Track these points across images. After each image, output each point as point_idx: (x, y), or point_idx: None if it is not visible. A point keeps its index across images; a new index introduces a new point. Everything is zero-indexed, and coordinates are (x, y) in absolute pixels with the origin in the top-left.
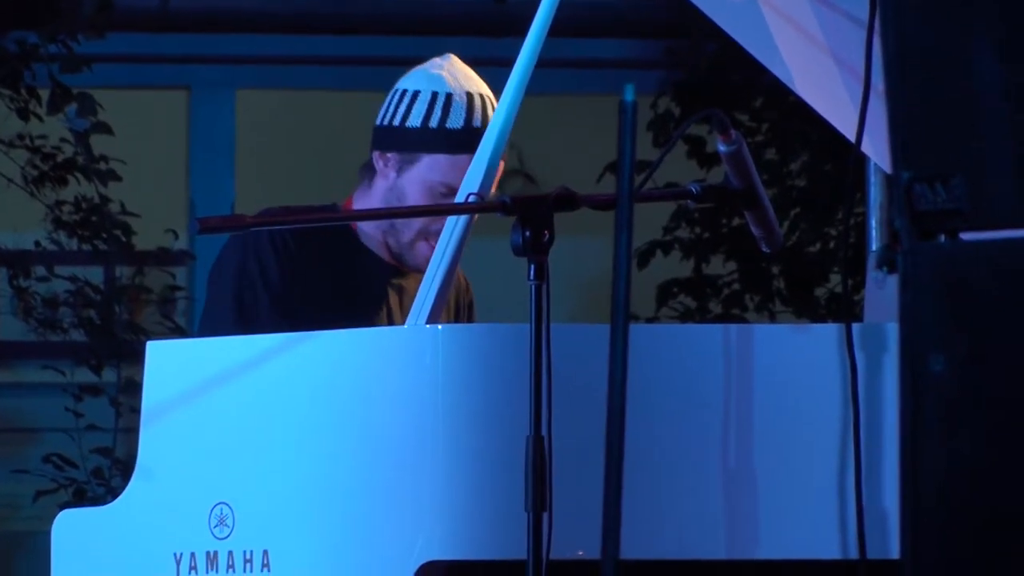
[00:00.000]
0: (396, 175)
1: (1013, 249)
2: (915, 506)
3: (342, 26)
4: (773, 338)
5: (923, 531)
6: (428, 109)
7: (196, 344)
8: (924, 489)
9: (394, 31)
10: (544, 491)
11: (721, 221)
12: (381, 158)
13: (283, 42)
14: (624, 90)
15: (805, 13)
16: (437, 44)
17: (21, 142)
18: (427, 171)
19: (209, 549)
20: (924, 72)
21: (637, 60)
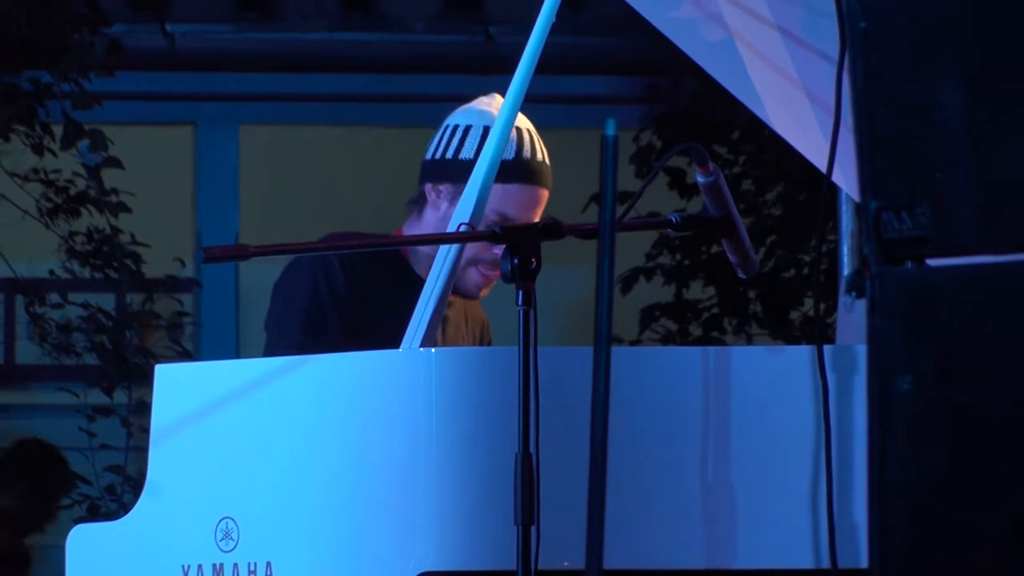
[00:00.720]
0: (448, 205)
1: (976, 275)
2: (883, 518)
3: (339, 65)
4: (750, 359)
5: (891, 541)
6: (480, 142)
7: (202, 367)
8: (892, 502)
9: (388, 69)
10: (532, 505)
11: (700, 248)
12: (433, 190)
13: (283, 80)
14: (606, 124)
15: (779, 51)
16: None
17: (36, 176)
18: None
19: (215, 561)
20: (891, 107)
21: (620, 96)
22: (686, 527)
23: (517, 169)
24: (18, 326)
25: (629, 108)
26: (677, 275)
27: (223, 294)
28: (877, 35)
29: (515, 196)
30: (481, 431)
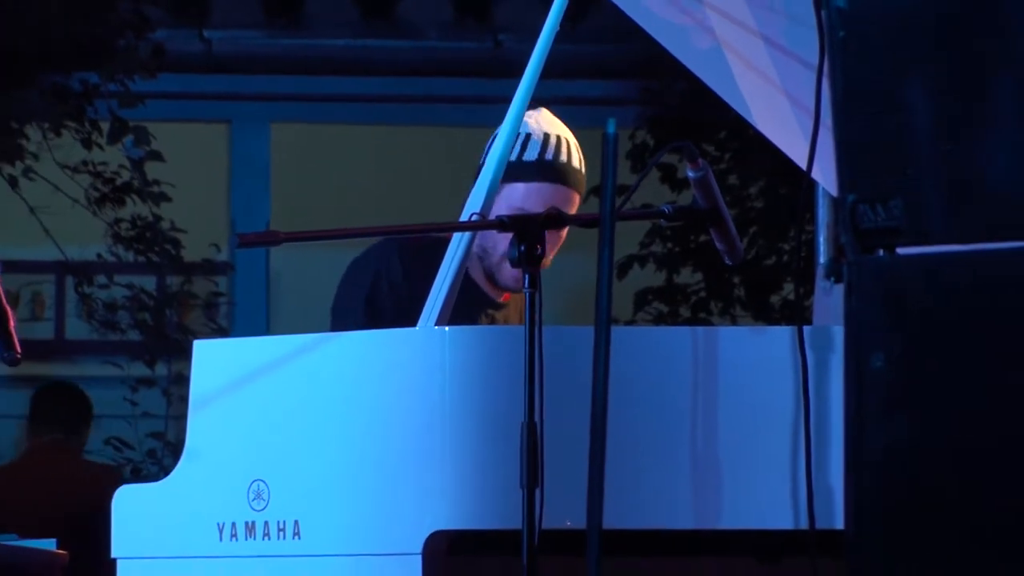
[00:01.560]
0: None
1: (943, 262)
2: (858, 483)
3: (361, 69)
4: (735, 339)
5: (865, 504)
6: (514, 145)
7: (236, 343)
8: (866, 468)
9: (406, 72)
10: (536, 470)
11: (690, 237)
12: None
13: (310, 82)
14: (606, 124)
15: (763, 57)
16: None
17: (85, 168)
18: (507, 197)
19: (248, 520)
20: (866, 109)
21: (617, 98)
22: (676, 491)
23: (540, 170)
24: (68, 304)
25: (625, 109)
26: (668, 262)
27: (255, 276)
28: (853, 43)
29: (537, 194)
30: (490, 402)
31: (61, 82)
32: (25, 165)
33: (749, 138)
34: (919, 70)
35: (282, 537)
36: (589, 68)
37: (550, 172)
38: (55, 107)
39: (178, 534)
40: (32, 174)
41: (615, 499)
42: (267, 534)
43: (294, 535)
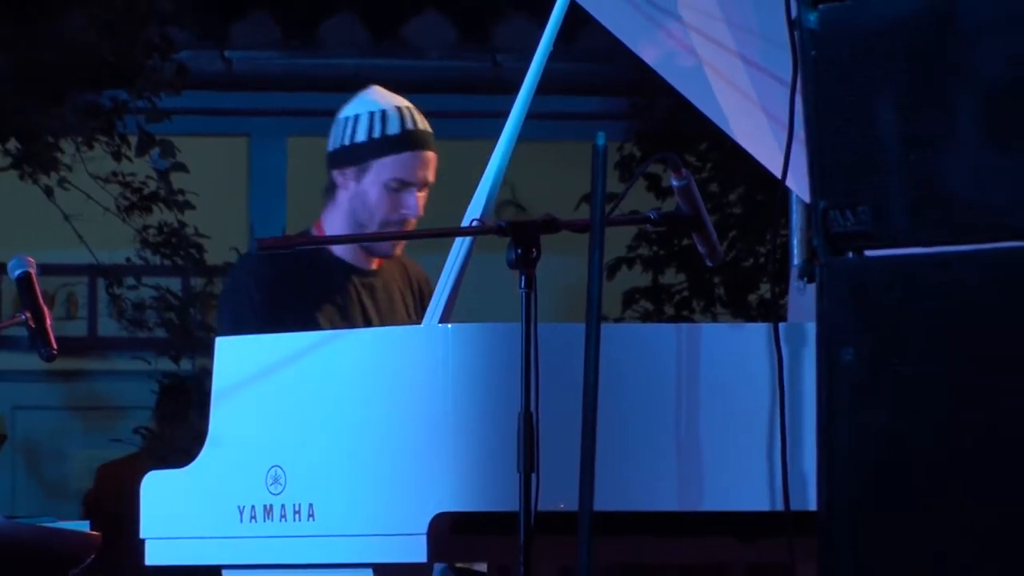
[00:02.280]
0: (356, 183)
1: (908, 264)
2: (829, 468)
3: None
4: (715, 335)
5: (836, 488)
6: (369, 125)
7: (256, 340)
8: (836, 454)
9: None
10: (532, 456)
11: (674, 241)
12: (340, 175)
13: (324, 99)
14: (596, 137)
15: (741, 75)
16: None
17: (115, 178)
18: (379, 172)
19: (266, 503)
20: (836, 122)
21: (607, 113)
22: (661, 475)
23: (405, 140)
24: (100, 304)
25: (614, 124)
26: (654, 264)
27: None
28: (824, 63)
29: (408, 163)
30: (490, 393)
31: (93, 99)
32: (60, 176)
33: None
34: (885, 87)
35: (298, 519)
36: (581, 85)
37: (415, 139)
38: (87, 122)
39: (201, 516)
40: (66, 184)
41: (605, 483)
42: (284, 516)
43: (309, 517)
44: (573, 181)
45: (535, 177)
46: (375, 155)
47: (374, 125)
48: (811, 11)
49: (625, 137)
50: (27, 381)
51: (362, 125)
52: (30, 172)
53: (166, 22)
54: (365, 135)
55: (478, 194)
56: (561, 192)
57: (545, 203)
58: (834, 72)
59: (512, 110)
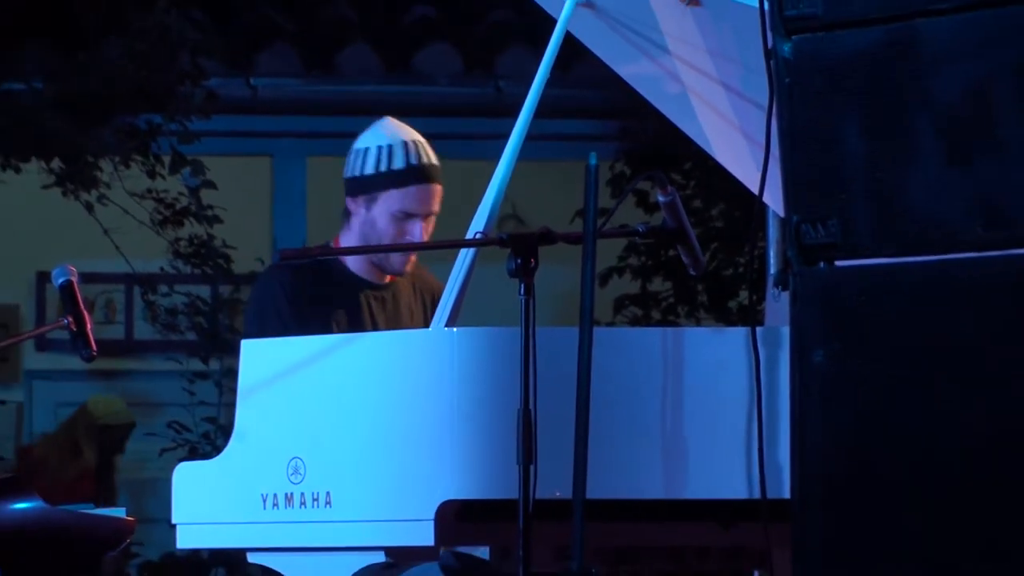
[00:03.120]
0: (366, 211)
1: (873, 273)
2: (802, 459)
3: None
4: (698, 338)
5: (808, 477)
6: (377, 159)
7: (278, 342)
8: (809, 447)
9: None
10: (531, 449)
11: (660, 252)
12: (353, 202)
13: (341, 122)
14: (589, 157)
15: (722, 100)
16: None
17: (149, 194)
18: (386, 203)
19: (287, 491)
20: (808, 144)
21: (599, 135)
22: (649, 466)
23: (411, 174)
24: (135, 310)
25: (606, 144)
26: (642, 272)
27: None
28: (798, 89)
29: (413, 196)
30: (492, 391)
31: (130, 122)
32: (99, 192)
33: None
34: (852, 112)
35: (316, 506)
36: (575, 110)
37: (419, 174)
38: (125, 143)
39: (228, 503)
40: (105, 200)
41: (597, 473)
42: (303, 503)
43: (326, 504)
44: (568, 197)
45: (534, 193)
46: (382, 188)
47: (381, 159)
48: (785, 42)
49: (616, 157)
50: (69, 380)
51: (371, 158)
52: (72, 189)
53: (197, 52)
54: (373, 168)
55: (481, 209)
56: (557, 207)
57: (542, 217)
58: (806, 98)
59: (513, 132)
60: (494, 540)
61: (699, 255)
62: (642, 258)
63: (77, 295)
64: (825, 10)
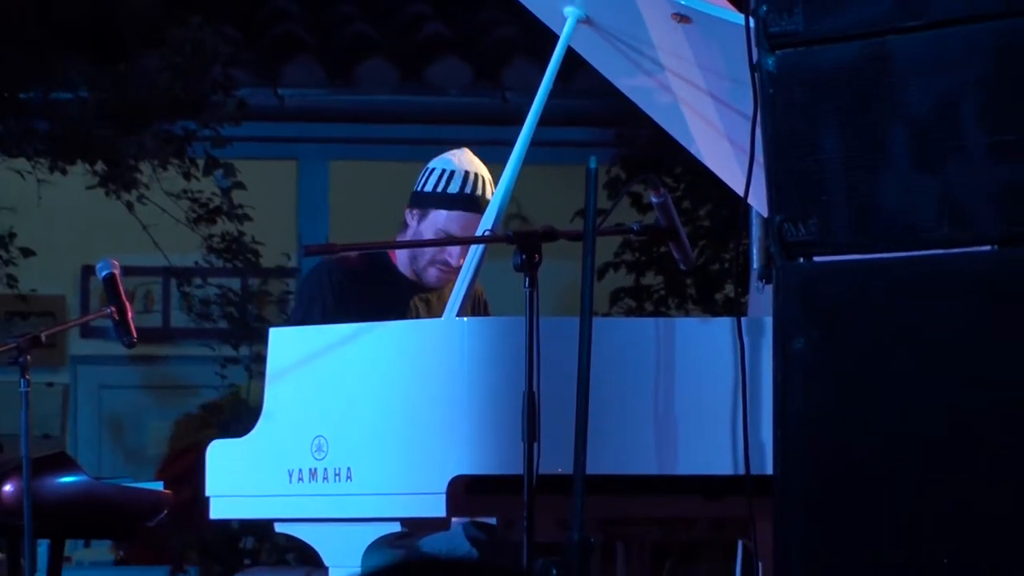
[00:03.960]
0: (416, 224)
1: (849, 267)
2: (783, 438)
3: (399, 118)
4: (688, 327)
5: (788, 454)
6: (437, 180)
7: (304, 330)
8: (789, 426)
9: (433, 121)
10: (535, 427)
11: (653, 249)
12: (410, 213)
13: (360, 129)
14: (589, 161)
15: (710, 110)
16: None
17: (185, 195)
18: (434, 221)
19: (311, 467)
20: (790, 150)
21: (597, 141)
22: (643, 444)
23: (460, 201)
24: (172, 300)
25: (604, 150)
26: (636, 267)
27: None
28: (780, 100)
29: (456, 221)
30: (499, 375)
31: (167, 129)
32: (139, 193)
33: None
34: (830, 120)
35: (338, 480)
36: (576, 117)
37: (468, 203)
38: (163, 148)
39: (257, 478)
40: (144, 199)
41: (595, 450)
42: (326, 478)
43: (347, 478)
44: (569, 198)
45: (537, 195)
46: (433, 206)
47: (441, 180)
48: (769, 56)
49: (612, 161)
50: (112, 364)
51: (433, 178)
52: (114, 189)
53: (228, 64)
54: (432, 187)
55: (489, 209)
56: (559, 207)
57: (545, 216)
58: (788, 108)
59: (518, 139)
60: (501, 512)
61: (688, 252)
62: (636, 254)
63: (119, 286)
64: (806, 27)
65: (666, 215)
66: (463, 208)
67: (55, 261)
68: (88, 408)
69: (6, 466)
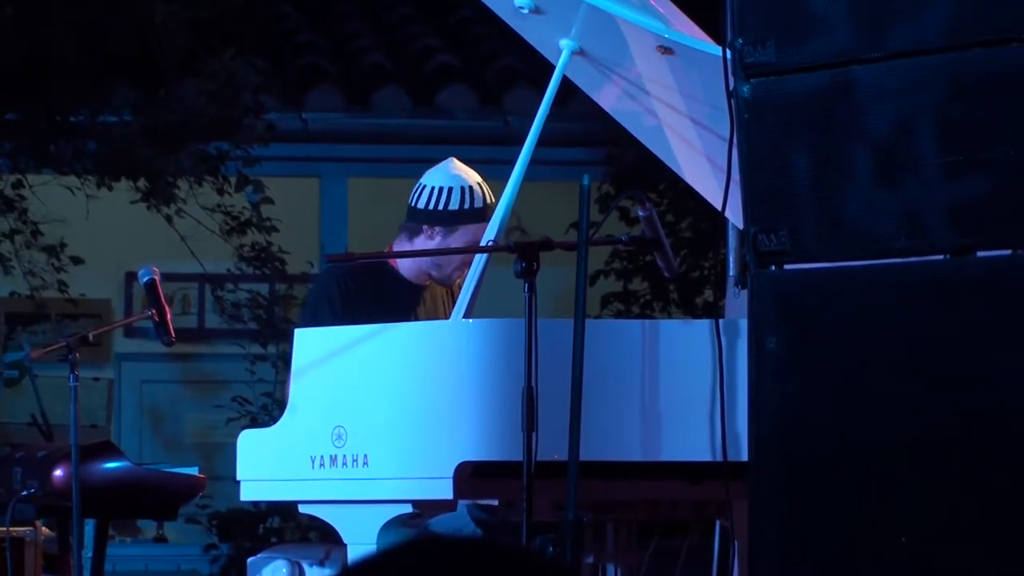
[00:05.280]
0: (443, 238)
1: (818, 275)
2: (757, 428)
3: (411, 139)
4: (671, 328)
5: (762, 443)
6: (461, 197)
7: (326, 331)
8: (763, 417)
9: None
10: (533, 418)
11: (639, 258)
12: (429, 230)
13: (377, 150)
14: (583, 179)
15: (691, 132)
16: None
17: (219, 208)
18: (464, 234)
19: (332, 454)
20: (763, 168)
21: (589, 160)
22: (631, 433)
23: (485, 213)
24: (207, 304)
25: (595, 168)
26: (624, 275)
27: None
28: (754, 123)
29: (479, 232)
30: (501, 371)
31: (202, 149)
32: (177, 207)
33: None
34: (800, 142)
35: (356, 466)
36: (570, 139)
37: (488, 213)
38: (198, 166)
39: (282, 464)
40: (182, 213)
41: (588, 439)
42: (345, 463)
43: (364, 464)
44: (564, 212)
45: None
46: (465, 221)
47: (465, 198)
48: (744, 84)
49: (603, 179)
50: (152, 361)
51: (455, 196)
52: (155, 204)
53: (258, 91)
54: (458, 205)
55: (492, 221)
56: (555, 220)
57: (543, 228)
58: (762, 131)
59: (519, 158)
60: (502, 494)
61: (672, 260)
62: (624, 263)
63: (159, 291)
64: (778, 59)
65: (651, 227)
66: (483, 219)
67: (101, 268)
68: (131, 401)
69: (57, 453)
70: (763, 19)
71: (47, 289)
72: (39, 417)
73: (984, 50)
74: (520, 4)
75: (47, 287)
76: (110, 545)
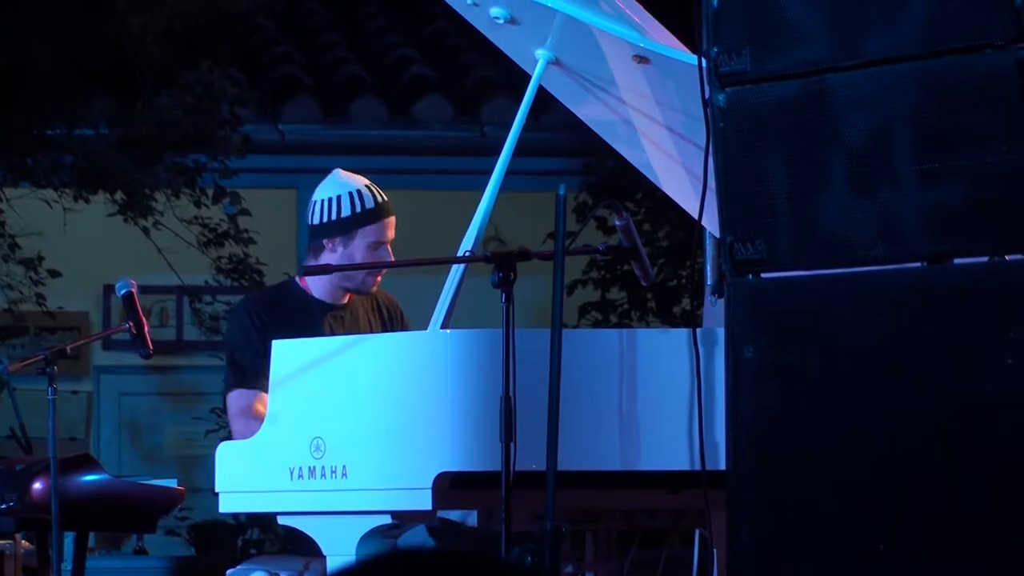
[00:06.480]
0: (344, 248)
1: (793, 283)
2: (735, 436)
3: (387, 150)
4: (649, 337)
5: (740, 451)
6: (351, 202)
7: (303, 342)
8: (740, 426)
9: (418, 153)
10: (511, 428)
11: (617, 267)
12: (330, 242)
13: (354, 160)
14: (558, 188)
15: (667, 141)
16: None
17: (196, 220)
18: (364, 238)
19: (310, 465)
20: (739, 177)
21: (566, 170)
22: (609, 443)
23: (378, 212)
24: (184, 316)
25: (572, 178)
26: (602, 284)
27: None
28: (730, 131)
29: (385, 228)
30: (479, 382)
31: (179, 161)
32: (154, 219)
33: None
34: (776, 150)
35: (334, 477)
36: (546, 149)
37: (385, 211)
38: (175, 179)
39: (261, 475)
40: (159, 225)
41: (566, 449)
42: (323, 475)
43: (343, 475)
44: (541, 222)
45: (513, 219)
46: (359, 225)
47: (355, 202)
48: (720, 93)
49: (580, 188)
50: (130, 374)
51: (345, 203)
52: (132, 216)
53: (234, 103)
54: (349, 211)
55: (469, 232)
56: (532, 230)
57: (520, 238)
58: (737, 139)
59: (495, 168)
60: (481, 505)
61: (649, 270)
62: (602, 272)
63: (137, 304)
64: (753, 67)
65: (628, 237)
66: (385, 215)
67: (79, 281)
68: (110, 413)
69: (36, 466)
70: (738, 28)
71: (25, 302)
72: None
73: (959, 57)
74: (495, 15)
75: (25, 300)
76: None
